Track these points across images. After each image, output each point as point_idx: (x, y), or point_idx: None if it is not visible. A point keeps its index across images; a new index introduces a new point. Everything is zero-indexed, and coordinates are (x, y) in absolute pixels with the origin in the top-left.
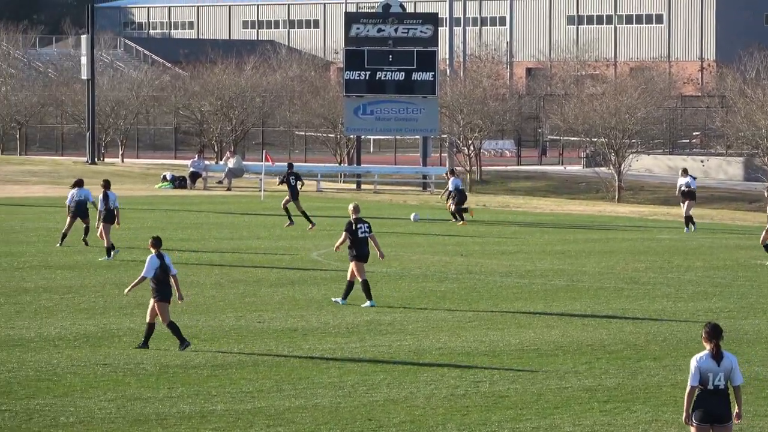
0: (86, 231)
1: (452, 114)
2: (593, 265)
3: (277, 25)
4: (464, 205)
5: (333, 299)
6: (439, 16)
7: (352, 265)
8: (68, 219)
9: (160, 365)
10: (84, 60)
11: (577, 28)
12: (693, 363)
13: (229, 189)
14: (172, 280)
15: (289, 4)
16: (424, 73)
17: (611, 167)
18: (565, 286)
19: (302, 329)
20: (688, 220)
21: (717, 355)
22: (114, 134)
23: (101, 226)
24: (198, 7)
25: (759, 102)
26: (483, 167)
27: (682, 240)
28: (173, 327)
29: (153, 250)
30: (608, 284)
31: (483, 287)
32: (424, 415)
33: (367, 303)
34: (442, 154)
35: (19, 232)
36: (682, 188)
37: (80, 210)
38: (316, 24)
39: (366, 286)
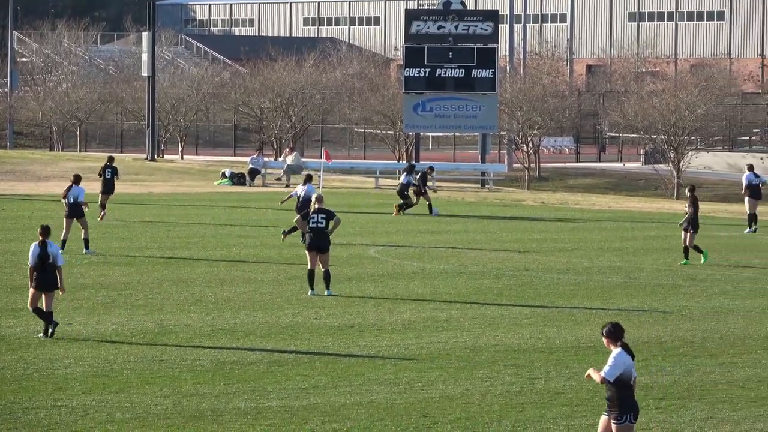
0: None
1: (511, 111)
2: (651, 262)
3: (337, 22)
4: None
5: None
6: (500, 12)
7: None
8: None
9: (216, 361)
10: (145, 57)
11: (638, 25)
12: (622, 360)
13: (288, 186)
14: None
15: (350, 2)
16: (484, 70)
17: (670, 164)
18: (623, 283)
19: (359, 326)
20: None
21: (630, 352)
22: (174, 131)
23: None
24: (259, 4)
25: None
26: (542, 164)
27: (740, 237)
28: (38, 312)
29: (39, 238)
30: (665, 281)
31: (540, 284)
32: (479, 411)
33: (309, 292)
34: (501, 151)
35: (75, 228)
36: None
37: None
38: (377, 21)
39: (313, 276)
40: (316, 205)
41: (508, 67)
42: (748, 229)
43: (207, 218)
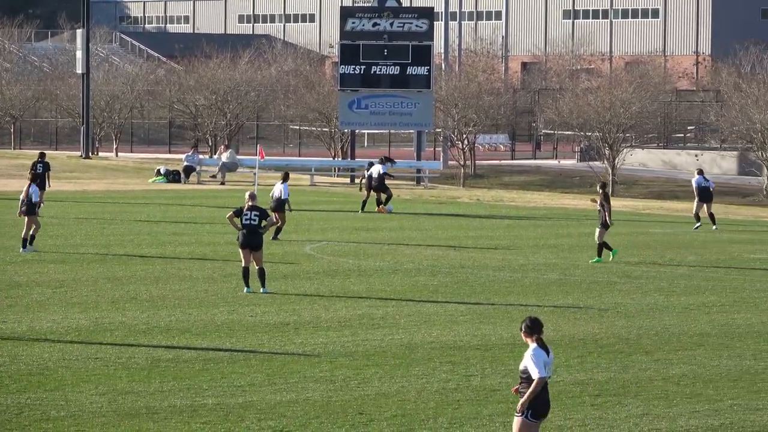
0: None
1: (447, 108)
2: (586, 259)
3: (272, 19)
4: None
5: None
6: (435, 10)
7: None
8: None
9: (151, 359)
10: (79, 54)
11: (573, 23)
12: (540, 356)
13: (222, 183)
14: None
15: None
16: (419, 67)
17: (605, 161)
18: (558, 280)
19: (294, 323)
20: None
21: (545, 347)
22: (108, 128)
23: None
24: (194, 1)
25: (753, 96)
26: (477, 161)
27: (675, 234)
28: None
29: None
30: (601, 278)
31: (475, 281)
32: (415, 409)
33: (245, 289)
34: (437, 149)
35: (12, 225)
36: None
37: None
38: (312, 18)
39: (251, 273)
40: (249, 203)
41: (443, 65)
42: (697, 225)
43: (142, 216)
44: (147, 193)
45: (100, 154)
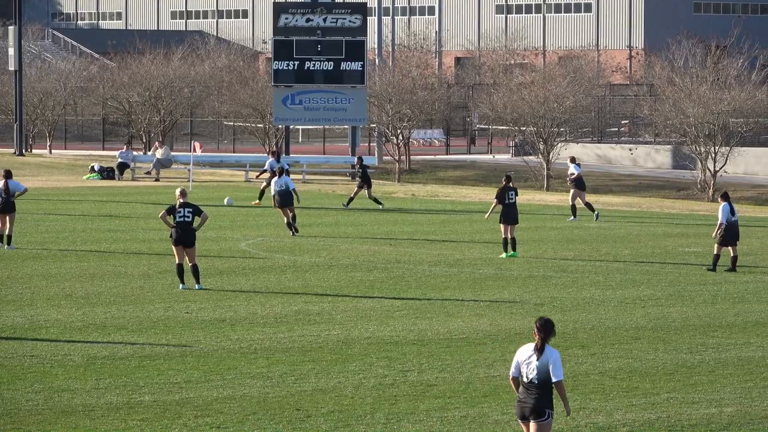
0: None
1: (381, 104)
2: (521, 254)
3: (205, 15)
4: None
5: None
6: (368, 5)
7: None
8: None
9: (87, 356)
10: (11, 51)
11: (506, 17)
12: (517, 354)
13: (157, 180)
14: None
15: None
16: (353, 62)
17: (540, 156)
18: (494, 274)
19: (230, 320)
20: (580, 208)
21: (537, 349)
22: (42, 125)
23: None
24: None
25: (687, 90)
26: (412, 157)
27: (610, 228)
28: None
29: None
30: (537, 273)
31: (411, 276)
32: (352, 404)
33: (180, 286)
34: (371, 144)
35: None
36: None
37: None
38: (245, 14)
39: (186, 270)
40: (181, 200)
41: (377, 60)
42: (571, 218)
43: (77, 212)
44: (81, 189)
45: (34, 151)
